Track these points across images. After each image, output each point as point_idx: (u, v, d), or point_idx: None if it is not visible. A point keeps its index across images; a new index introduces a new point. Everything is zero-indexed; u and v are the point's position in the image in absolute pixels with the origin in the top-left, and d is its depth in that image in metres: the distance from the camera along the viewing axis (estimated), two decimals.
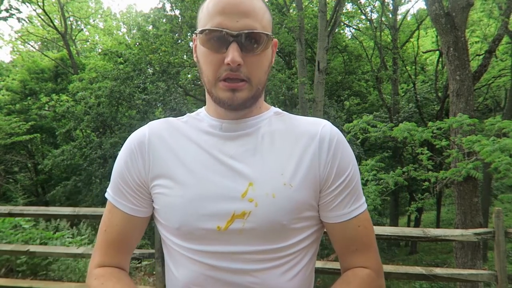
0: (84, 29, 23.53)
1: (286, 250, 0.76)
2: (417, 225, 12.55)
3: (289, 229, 0.75)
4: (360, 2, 13.91)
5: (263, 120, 0.82)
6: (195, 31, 0.78)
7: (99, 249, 0.84)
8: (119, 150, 0.86)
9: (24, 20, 16.04)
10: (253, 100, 0.78)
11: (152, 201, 0.83)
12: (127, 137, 0.86)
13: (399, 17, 14.41)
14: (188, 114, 0.88)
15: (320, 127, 0.80)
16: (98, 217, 2.36)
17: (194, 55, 0.82)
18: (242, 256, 0.74)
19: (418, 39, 13.65)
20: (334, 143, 0.79)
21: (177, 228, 0.76)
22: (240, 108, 0.77)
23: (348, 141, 0.85)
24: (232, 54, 0.70)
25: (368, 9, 14.46)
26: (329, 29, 10.03)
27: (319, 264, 2.02)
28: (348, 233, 0.80)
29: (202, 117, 0.84)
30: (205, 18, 0.74)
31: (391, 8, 14.20)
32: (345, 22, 14.84)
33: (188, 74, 12.65)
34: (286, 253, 0.76)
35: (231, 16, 0.71)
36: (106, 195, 0.85)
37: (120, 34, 23.84)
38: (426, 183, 5.34)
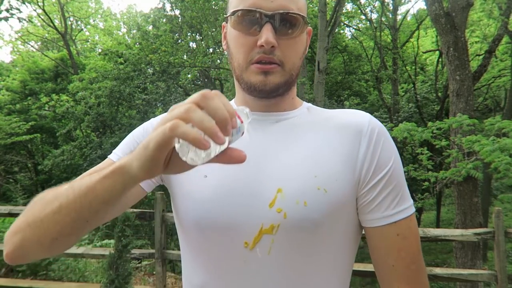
0: (84, 29, 23.53)
1: (317, 269, 0.67)
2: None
3: (322, 242, 0.65)
4: (360, 2, 13.92)
5: (294, 117, 0.75)
6: (226, 15, 0.73)
7: None
8: None
9: (24, 20, 16.06)
10: (286, 87, 0.71)
11: (160, 179, 0.76)
12: None
13: (399, 17, 14.41)
14: None
15: (360, 118, 0.72)
16: None
17: (224, 43, 0.76)
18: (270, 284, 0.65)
19: (418, 39, 13.63)
20: (375, 134, 0.70)
21: (196, 221, 0.68)
22: (272, 95, 0.70)
23: None
24: (266, 35, 0.65)
25: (368, 9, 14.47)
26: (329, 29, 10.02)
27: None
28: (384, 242, 0.68)
29: None
30: (236, 0, 0.70)
31: (391, 8, 14.19)
32: (345, 22, 14.83)
33: (188, 74, 12.64)
34: (317, 272, 0.67)
35: None
36: (110, 154, 0.75)
37: (120, 34, 23.80)
38: (426, 183, 5.34)
